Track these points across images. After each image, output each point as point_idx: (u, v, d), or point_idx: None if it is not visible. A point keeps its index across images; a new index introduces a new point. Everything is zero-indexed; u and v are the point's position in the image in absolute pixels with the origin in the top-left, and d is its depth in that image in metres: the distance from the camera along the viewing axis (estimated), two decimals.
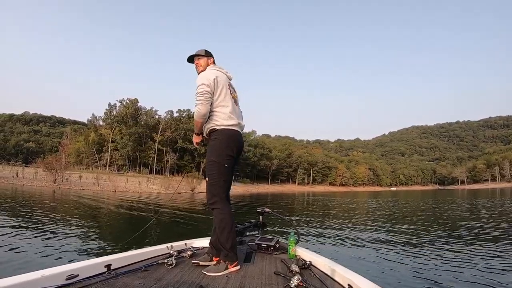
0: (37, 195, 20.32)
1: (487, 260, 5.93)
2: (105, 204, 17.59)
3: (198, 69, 2.50)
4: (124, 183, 39.59)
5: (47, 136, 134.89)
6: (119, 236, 8.14)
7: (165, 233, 8.84)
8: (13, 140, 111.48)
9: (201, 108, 2.26)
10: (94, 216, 12.08)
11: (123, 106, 76.32)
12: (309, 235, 8.91)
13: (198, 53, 2.51)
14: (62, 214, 11.79)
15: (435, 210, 18.84)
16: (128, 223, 11.00)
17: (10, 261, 5.06)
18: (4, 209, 11.99)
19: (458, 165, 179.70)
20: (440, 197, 39.70)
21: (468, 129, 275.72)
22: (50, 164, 34.27)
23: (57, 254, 5.62)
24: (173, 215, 13.26)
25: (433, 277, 4.92)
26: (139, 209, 15.54)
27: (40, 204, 14.64)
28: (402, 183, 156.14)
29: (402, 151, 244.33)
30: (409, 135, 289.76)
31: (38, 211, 11.83)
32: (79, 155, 77.16)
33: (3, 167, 41.84)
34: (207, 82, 2.27)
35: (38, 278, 1.51)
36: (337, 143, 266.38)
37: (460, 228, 10.59)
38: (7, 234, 7.08)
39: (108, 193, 28.24)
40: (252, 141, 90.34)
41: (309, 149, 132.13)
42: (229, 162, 2.31)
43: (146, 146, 75.28)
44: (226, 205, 2.29)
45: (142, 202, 20.33)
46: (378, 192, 78.22)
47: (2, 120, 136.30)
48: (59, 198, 19.86)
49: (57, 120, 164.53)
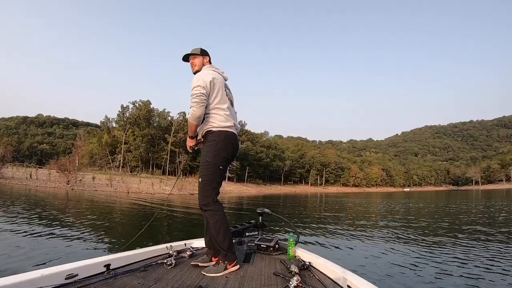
0: (50, 196, 20.46)
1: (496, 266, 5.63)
2: (117, 205, 17.72)
3: (193, 68, 2.45)
4: (137, 184, 39.67)
5: (61, 138, 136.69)
6: (126, 236, 8.25)
7: (170, 232, 9.08)
8: (27, 142, 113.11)
9: (195, 110, 2.21)
10: (106, 216, 12.13)
11: (136, 108, 76.43)
12: (312, 235, 9.05)
13: (193, 52, 2.46)
14: (75, 214, 12.04)
15: (447, 212, 17.99)
16: (140, 223, 11.03)
17: (12, 258, 5.16)
18: (16, 209, 12.11)
19: (472, 165, 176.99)
20: (454, 198, 39.01)
21: (481, 128, 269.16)
22: (63, 165, 34.75)
23: (63, 254, 5.69)
24: (183, 214, 13.70)
25: (434, 280, 4.88)
26: (152, 210, 15.70)
27: (52, 205, 14.82)
28: (416, 183, 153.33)
29: (415, 151, 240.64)
30: (422, 135, 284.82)
31: (50, 211, 12.12)
32: (92, 156, 78.11)
33: (17, 169, 42.56)
34: (203, 83, 2.23)
35: (37, 277, 1.51)
36: (349, 143, 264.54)
37: (466, 230, 10.18)
38: (15, 232, 7.36)
39: (121, 194, 28.66)
40: (265, 142, 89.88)
41: (322, 150, 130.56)
42: (224, 164, 2.30)
43: (159, 147, 75.34)
44: (219, 206, 2.26)
45: (155, 203, 20.40)
46: (391, 193, 76.96)
47: (16, 122, 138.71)
48: (72, 199, 19.91)
49: (70, 122, 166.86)
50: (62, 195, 22.19)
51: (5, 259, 5.12)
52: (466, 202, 28.51)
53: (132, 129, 73.85)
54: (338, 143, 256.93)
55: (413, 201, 31.27)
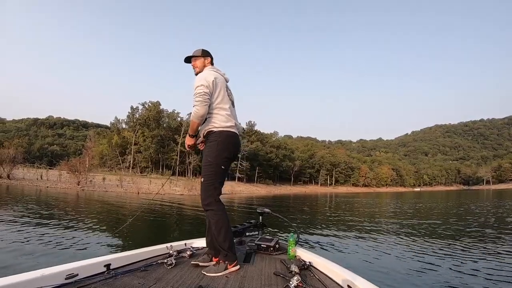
0: (60, 197, 20.64)
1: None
2: (127, 205, 17.86)
3: (195, 70, 2.49)
4: (147, 185, 39.62)
5: (71, 139, 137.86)
6: (132, 236, 8.42)
7: (181, 231, 9.25)
8: (37, 143, 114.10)
9: (199, 109, 2.22)
10: (117, 216, 12.19)
11: (146, 109, 76.54)
12: (316, 235, 9.09)
13: (194, 54, 2.50)
14: (85, 214, 12.16)
15: (455, 213, 17.57)
16: (150, 223, 11.18)
17: (14, 258, 5.20)
18: (26, 209, 12.30)
19: (482, 164, 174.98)
20: (464, 198, 38.66)
21: (492, 127, 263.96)
22: (74, 166, 34.90)
23: (67, 254, 5.73)
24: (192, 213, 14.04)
25: (435, 280, 4.85)
26: (162, 210, 15.89)
27: (62, 205, 15.03)
28: (426, 183, 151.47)
29: (426, 151, 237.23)
30: (432, 134, 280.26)
31: (60, 211, 12.32)
32: (103, 157, 78.62)
33: (28, 170, 42.87)
34: (206, 83, 2.25)
35: (37, 277, 1.51)
36: (359, 143, 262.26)
37: (474, 232, 10.02)
38: (24, 231, 7.50)
39: (131, 194, 28.96)
40: (275, 142, 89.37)
41: (332, 150, 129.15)
42: (226, 164, 2.33)
43: (169, 148, 75.34)
44: (220, 206, 2.27)
45: (165, 203, 20.62)
46: (402, 193, 76.04)
47: (27, 124, 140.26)
48: (83, 199, 20.12)
49: (81, 124, 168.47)
50: (73, 196, 22.62)
51: (8, 259, 5.14)
52: (476, 202, 28.34)
53: (142, 130, 74.04)
54: (347, 143, 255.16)
55: (422, 201, 31.13)
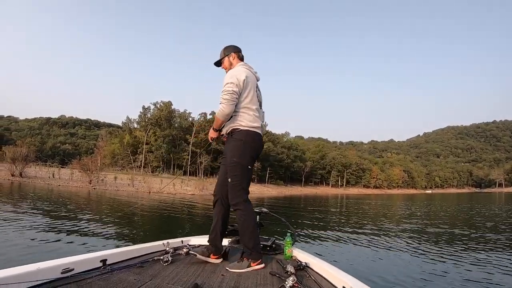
0: (72, 195, 20.81)
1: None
2: (139, 204, 18.17)
3: (226, 70, 2.43)
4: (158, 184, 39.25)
5: (83, 138, 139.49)
6: (146, 233, 8.57)
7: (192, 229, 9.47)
8: (50, 142, 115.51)
9: (225, 108, 2.19)
10: (128, 214, 12.35)
11: (157, 109, 76.77)
12: (316, 235, 9.33)
13: (220, 57, 2.47)
14: (96, 212, 12.41)
15: (463, 217, 17.34)
16: (160, 221, 11.26)
17: (17, 252, 5.30)
18: (36, 206, 12.49)
19: (495, 166, 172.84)
20: (476, 201, 38.10)
21: (505, 129, 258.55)
22: (85, 165, 35.08)
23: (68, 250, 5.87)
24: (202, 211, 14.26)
25: (432, 283, 4.88)
26: (173, 209, 16.15)
27: (74, 203, 15.34)
28: (438, 185, 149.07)
29: (437, 153, 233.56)
30: (444, 136, 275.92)
31: (72, 209, 12.56)
32: (114, 156, 79.30)
33: (40, 168, 43.00)
34: (236, 81, 2.20)
35: (33, 270, 1.50)
36: (370, 144, 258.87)
37: (478, 237, 9.90)
38: (34, 226, 7.70)
39: (143, 194, 29.02)
40: (286, 143, 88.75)
41: (343, 151, 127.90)
42: (252, 163, 2.33)
43: (180, 148, 75.35)
44: (248, 206, 2.26)
45: (177, 202, 20.85)
46: (413, 195, 75.17)
47: (40, 123, 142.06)
48: (94, 198, 20.37)
49: (93, 123, 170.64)
50: (84, 194, 22.78)
51: (6, 252, 5.21)
52: (488, 205, 27.84)
53: (154, 130, 74.21)
54: (359, 144, 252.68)
55: (432, 204, 30.87)
